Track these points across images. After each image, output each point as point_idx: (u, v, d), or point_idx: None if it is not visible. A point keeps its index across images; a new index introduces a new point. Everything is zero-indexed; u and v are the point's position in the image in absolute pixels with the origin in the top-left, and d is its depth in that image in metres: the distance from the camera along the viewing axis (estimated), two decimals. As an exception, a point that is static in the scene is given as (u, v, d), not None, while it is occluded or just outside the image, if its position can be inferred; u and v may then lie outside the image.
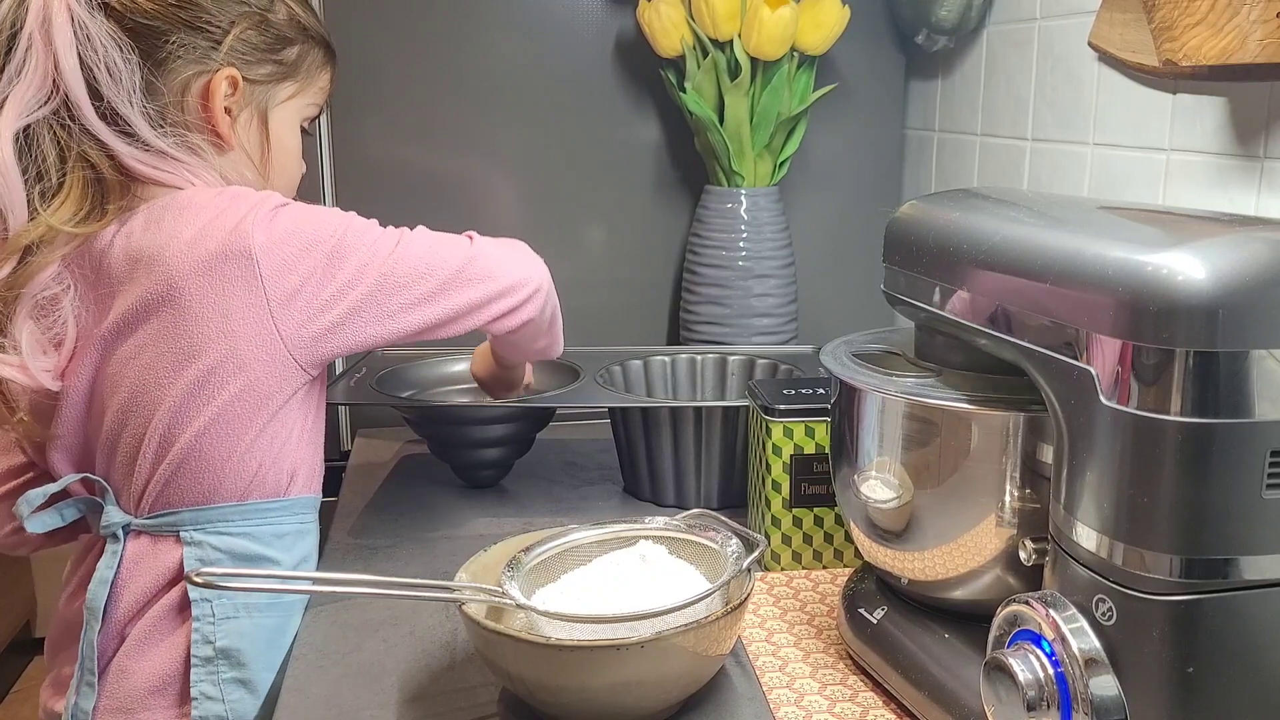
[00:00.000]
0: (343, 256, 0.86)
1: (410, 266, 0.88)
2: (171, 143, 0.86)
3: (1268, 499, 0.55)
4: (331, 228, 0.86)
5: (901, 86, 1.54)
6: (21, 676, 2.38)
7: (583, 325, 1.47)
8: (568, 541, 0.84)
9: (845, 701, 0.80)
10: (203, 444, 0.85)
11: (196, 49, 0.86)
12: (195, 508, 0.87)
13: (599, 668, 0.71)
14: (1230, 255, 0.54)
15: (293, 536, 0.92)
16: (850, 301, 1.51)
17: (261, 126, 0.93)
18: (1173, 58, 0.94)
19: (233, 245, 0.82)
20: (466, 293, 0.91)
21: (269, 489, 0.89)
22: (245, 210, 0.84)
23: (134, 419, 0.85)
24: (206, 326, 0.82)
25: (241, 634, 0.87)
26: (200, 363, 0.83)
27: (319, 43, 0.96)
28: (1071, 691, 0.59)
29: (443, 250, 0.91)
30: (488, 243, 0.95)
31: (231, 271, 0.82)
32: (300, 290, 0.84)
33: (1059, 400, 0.61)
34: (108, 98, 0.82)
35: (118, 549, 0.87)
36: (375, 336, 0.88)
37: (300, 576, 0.85)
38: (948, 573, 0.74)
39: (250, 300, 0.83)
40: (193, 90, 0.87)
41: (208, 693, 0.86)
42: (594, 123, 1.44)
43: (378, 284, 0.87)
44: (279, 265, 0.83)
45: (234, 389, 0.84)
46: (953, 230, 0.72)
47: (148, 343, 0.83)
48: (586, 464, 1.28)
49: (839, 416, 0.81)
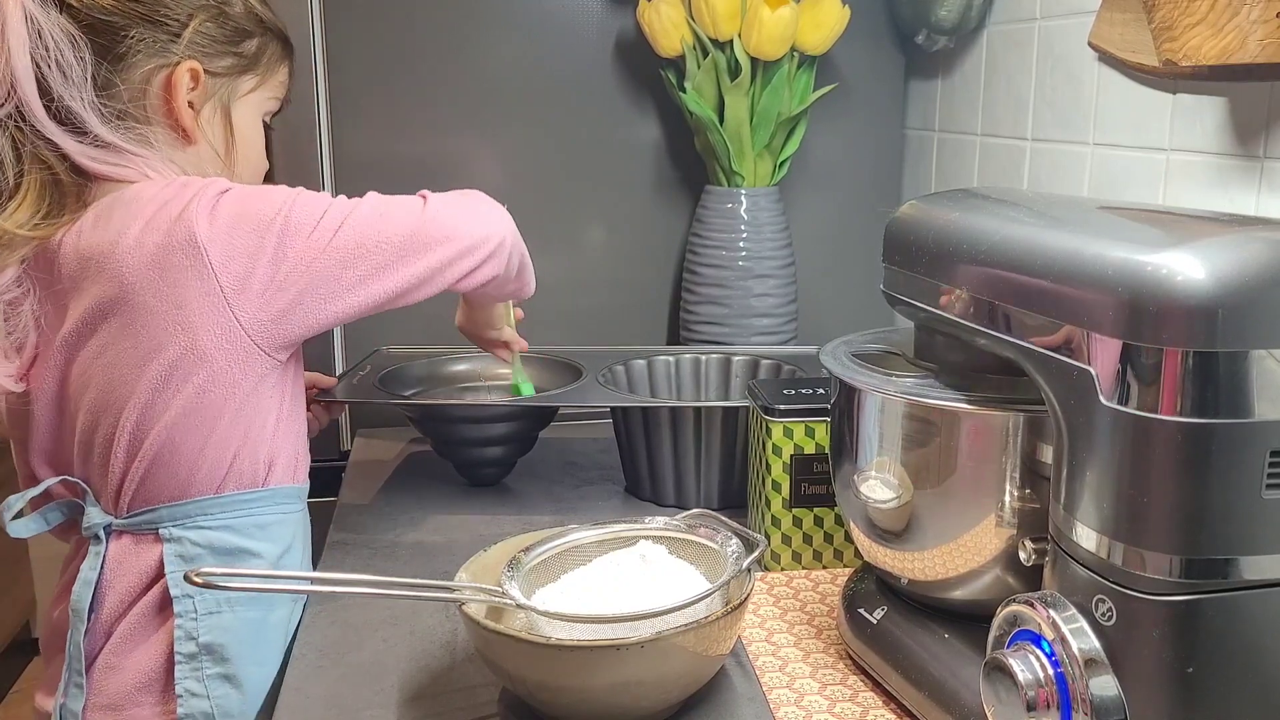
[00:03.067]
0: (291, 234, 0.84)
1: (362, 236, 0.86)
2: (124, 136, 0.85)
3: (1267, 499, 0.55)
4: (276, 206, 0.85)
5: (901, 86, 1.54)
6: (21, 676, 2.38)
7: (582, 325, 1.47)
8: (568, 541, 0.85)
9: (845, 701, 0.80)
10: (173, 437, 0.85)
11: (156, 42, 0.86)
12: (172, 504, 0.87)
13: (599, 668, 0.71)
14: (1230, 255, 0.54)
15: (275, 527, 0.91)
16: (850, 301, 1.51)
17: (225, 121, 0.92)
18: (1173, 58, 0.94)
19: (178, 236, 0.81)
20: (425, 258, 0.88)
21: (245, 479, 0.88)
22: (188, 199, 0.83)
23: (104, 419, 0.85)
24: (163, 320, 0.82)
25: (224, 629, 0.87)
26: (161, 358, 0.82)
27: (277, 36, 0.96)
28: (1071, 692, 0.59)
29: (395, 216, 0.88)
30: (441, 201, 0.92)
31: (180, 262, 0.81)
32: (252, 274, 0.83)
33: (1059, 400, 0.61)
34: (58, 95, 0.82)
35: (100, 550, 0.87)
36: (337, 313, 0.86)
37: (300, 576, 0.85)
38: (948, 573, 0.74)
39: (203, 290, 0.82)
40: (154, 84, 0.87)
41: (192, 689, 0.86)
42: (594, 123, 1.44)
43: (330, 259, 0.85)
44: (227, 251, 0.82)
45: (199, 381, 0.84)
46: (953, 230, 0.72)
47: (109, 342, 0.83)
48: (587, 464, 1.28)
49: (839, 416, 0.81)
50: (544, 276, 1.04)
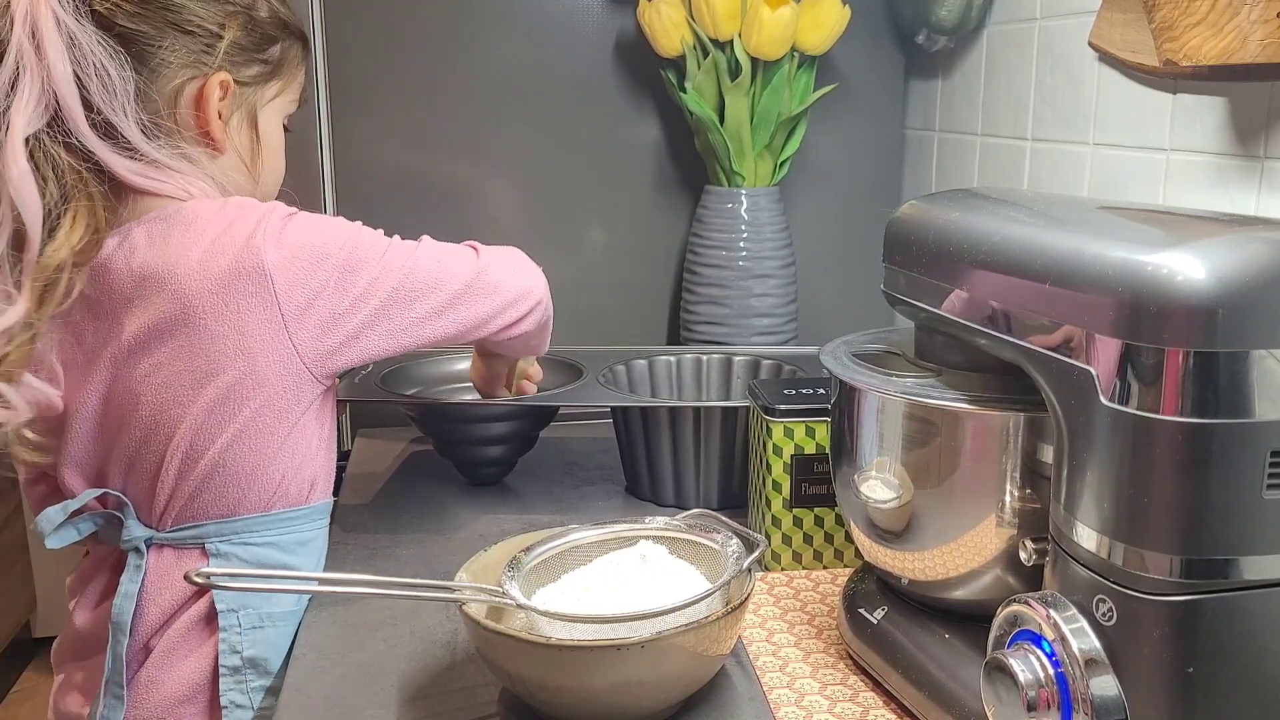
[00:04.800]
0: (355, 270, 0.86)
1: (421, 280, 0.89)
2: (166, 152, 0.84)
3: (1268, 499, 0.55)
4: (341, 240, 0.86)
5: (901, 86, 1.54)
6: (21, 676, 2.37)
7: (583, 325, 1.47)
8: (568, 541, 0.85)
9: (845, 701, 0.80)
10: (228, 459, 0.85)
11: (190, 53, 0.85)
12: (220, 520, 0.87)
13: (599, 668, 0.71)
14: (1230, 255, 0.54)
15: (314, 542, 0.93)
16: (850, 301, 1.51)
17: (251, 128, 0.92)
18: (1173, 58, 0.94)
19: (245, 262, 0.82)
20: (477, 306, 0.92)
21: (291, 498, 0.89)
22: (253, 224, 0.83)
23: (154, 436, 0.85)
24: (224, 344, 0.82)
25: (268, 643, 0.87)
26: (219, 381, 0.83)
27: (297, 37, 0.95)
28: (1071, 692, 0.59)
29: (451, 263, 0.91)
30: (492, 254, 0.95)
31: (245, 288, 0.82)
32: (314, 305, 0.84)
33: (1059, 400, 0.61)
34: (100, 108, 0.80)
35: (141, 563, 0.87)
36: (388, 349, 0.89)
37: (300, 576, 0.86)
38: (948, 573, 0.74)
39: (266, 317, 0.82)
40: (185, 96, 0.86)
41: (237, 701, 0.86)
42: (594, 123, 1.44)
43: (390, 298, 0.87)
44: (292, 281, 0.83)
45: (255, 405, 0.84)
46: (953, 230, 0.72)
47: (165, 361, 0.83)
48: (587, 464, 1.28)
49: (839, 416, 0.81)
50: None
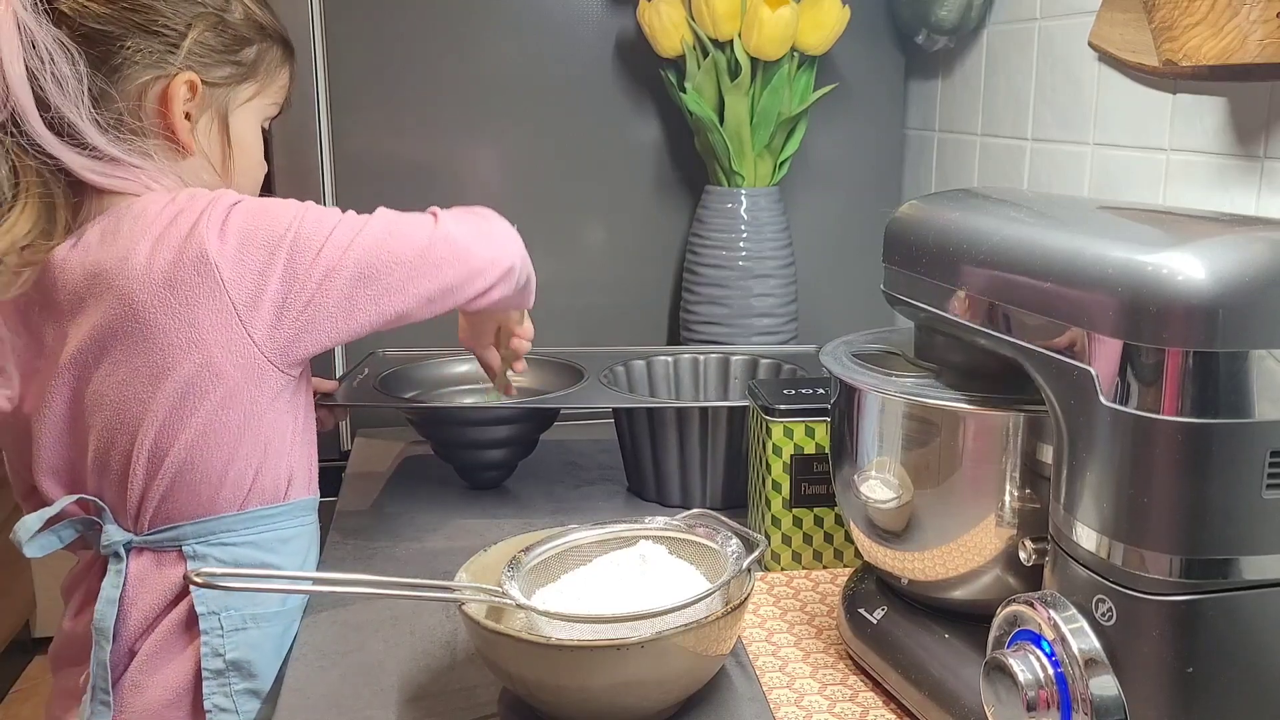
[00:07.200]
0: (302, 252, 0.83)
1: (372, 255, 0.85)
2: (124, 148, 0.83)
3: (1268, 499, 0.55)
4: (286, 223, 0.84)
5: (901, 86, 1.54)
6: (21, 676, 2.37)
7: (582, 325, 1.47)
8: (568, 541, 0.84)
9: (845, 701, 0.80)
10: (194, 456, 0.84)
11: (153, 53, 0.84)
12: (196, 520, 0.86)
13: (599, 668, 0.71)
14: (1230, 255, 0.54)
15: (295, 540, 0.91)
16: (850, 301, 1.51)
17: (222, 130, 0.90)
18: (1173, 58, 0.94)
19: (189, 254, 0.80)
20: (437, 277, 0.87)
21: (268, 495, 0.88)
22: (197, 214, 0.82)
23: (120, 437, 0.84)
24: (175, 339, 0.81)
25: (251, 645, 0.87)
26: (175, 376, 0.82)
27: (277, 40, 0.94)
28: (1071, 692, 0.59)
29: (405, 234, 0.87)
30: (452, 220, 0.91)
31: (192, 281, 0.80)
32: (263, 293, 0.82)
33: (1059, 400, 0.61)
34: (55, 106, 0.80)
35: (121, 567, 0.86)
36: (349, 330, 0.86)
37: (300, 576, 0.85)
38: (948, 573, 0.74)
39: (216, 308, 0.81)
40: (150, 95, 0.85)
41: (221, 704, 0.86)
42: (594, 123, 1.44)
43: (340, 277, 0.84)
44: (239, 270, 0.81)
45: (215, 399, 0.83)
46: (953, 230, 0.72)
47: (121, 359, 0.82)
48: (587, 464, 1.28)
49: (839, 416, 0.81)
50: (544, 276, 1.04)
